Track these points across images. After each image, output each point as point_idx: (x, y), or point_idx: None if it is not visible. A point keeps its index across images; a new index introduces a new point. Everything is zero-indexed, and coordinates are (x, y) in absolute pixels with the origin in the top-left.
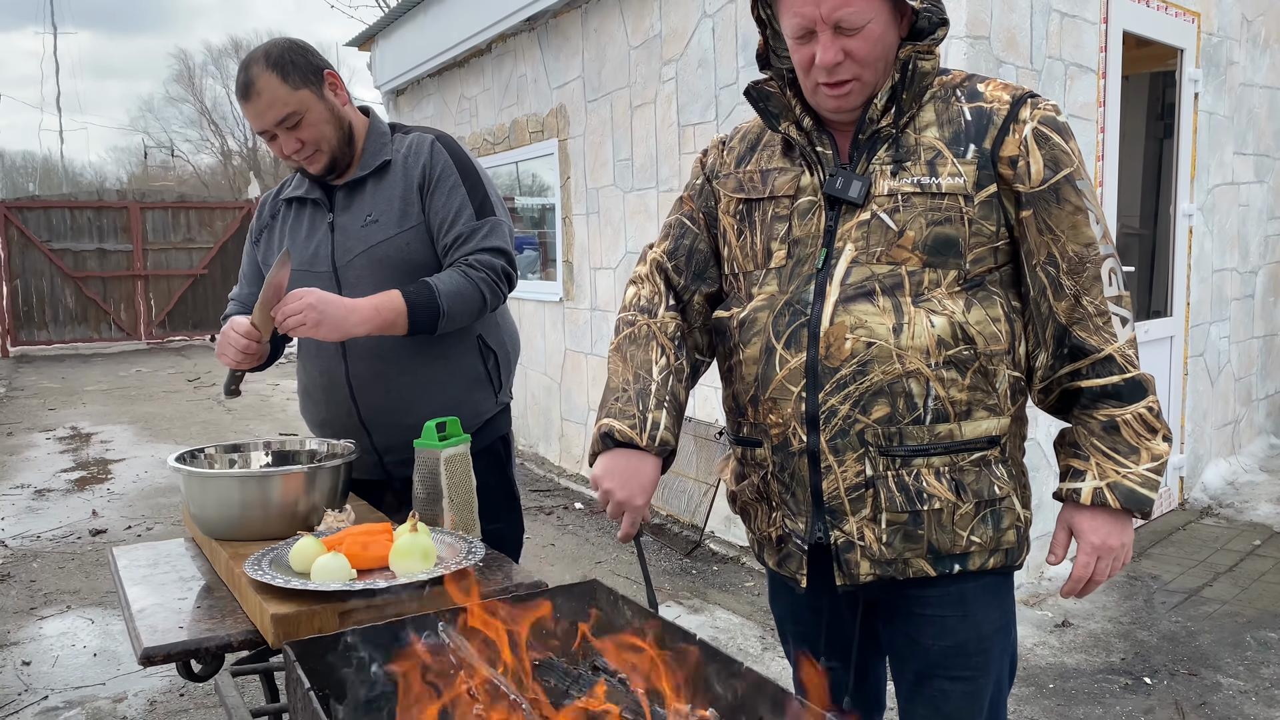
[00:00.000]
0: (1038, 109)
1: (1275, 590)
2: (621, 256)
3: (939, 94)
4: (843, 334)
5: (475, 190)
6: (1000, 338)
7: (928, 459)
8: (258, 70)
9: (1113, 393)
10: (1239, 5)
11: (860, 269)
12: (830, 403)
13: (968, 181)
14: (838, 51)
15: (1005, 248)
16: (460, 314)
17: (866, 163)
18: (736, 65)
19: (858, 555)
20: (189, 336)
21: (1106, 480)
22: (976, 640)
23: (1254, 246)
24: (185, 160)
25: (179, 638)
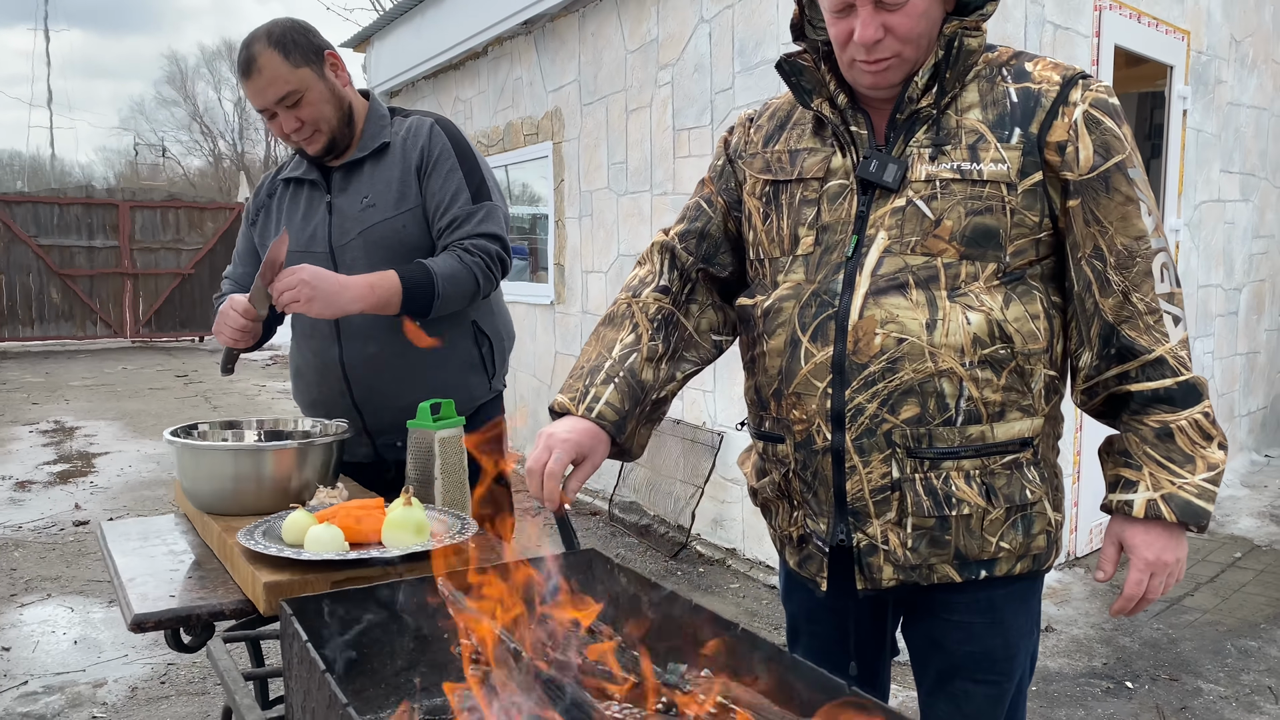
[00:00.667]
0: (1090, 90)
1: (1255, 601)
2: (614, 260)
3: (984, 72)
4: (872, 328)
5: (472, 174)
6: (1039, 336)
7: (958, 462)
8: (259, 48)
9: (1165, 397)
10: (1228, 25)
11: (893, 259)
12: (857, 400)
13: (1011, 169)
14: (878, 28)
15: (1048, 239)
16: (454, 297)
17: (904, 145)
18: (733, 70)
19: (880, 559)
20: (175, 336)
21: (1161, 491)
22: (1004, 646)
23: (1238, 264)
24: (176, 161)
25: (170, 605)
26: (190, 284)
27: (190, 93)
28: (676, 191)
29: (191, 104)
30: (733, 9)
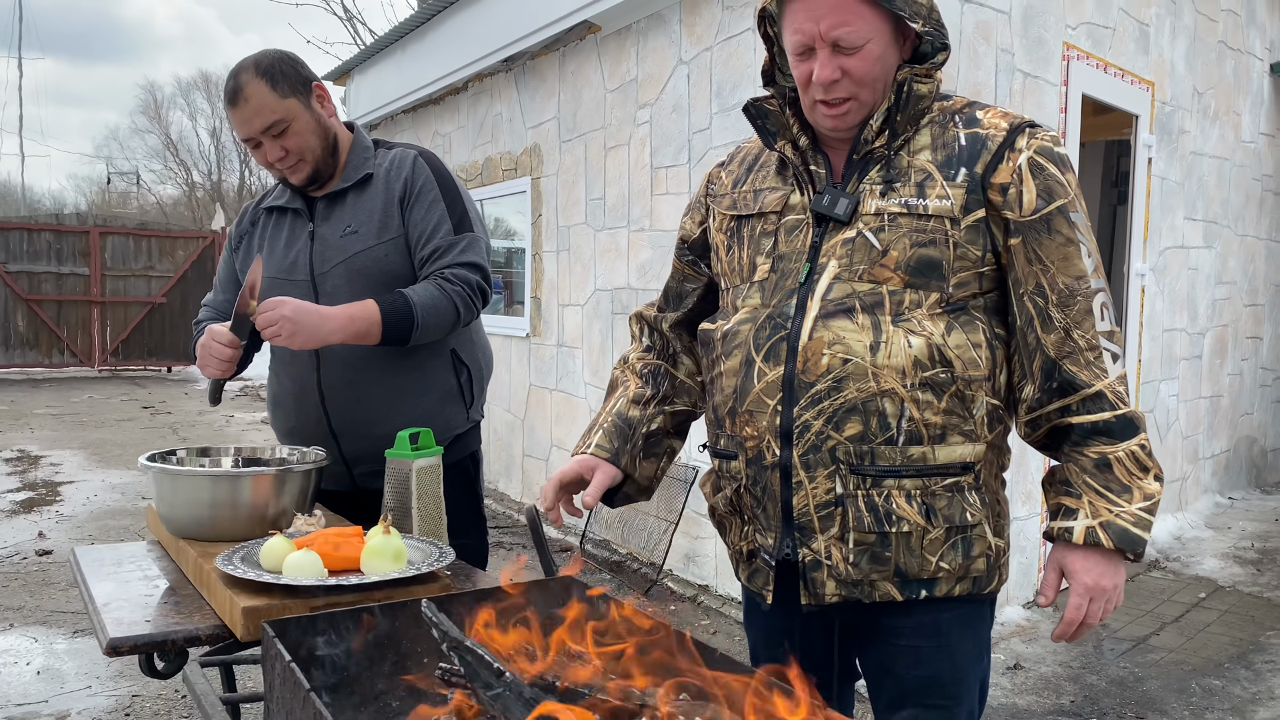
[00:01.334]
0: (1035, 138)
1: (1220, 640)
2: (590, 294)
3: (937, 118)
4: (820, 349)
5: (454, 205)
6: (980, 363)
7: (899, 480)
8: (247, 77)
9: (1104, 429)
10: (1190, 77)
11: (842, 285)
12: (804, 418)
13: (955, 204)
14: (835, 69)
15: (991, 274)
16: (434, 326)
17: (858, 182)
18: (710, 111)
19: (824, 575)
20: (143, 365)
21: (1099, 519)
22: (951, 670)
23: (1202, 309)
24: (148, 190)
25: (145, 630)
26: (160, 313)
27: (165, 122)
28: (654, 228)
29: (165, 133)
30: (711, 51)
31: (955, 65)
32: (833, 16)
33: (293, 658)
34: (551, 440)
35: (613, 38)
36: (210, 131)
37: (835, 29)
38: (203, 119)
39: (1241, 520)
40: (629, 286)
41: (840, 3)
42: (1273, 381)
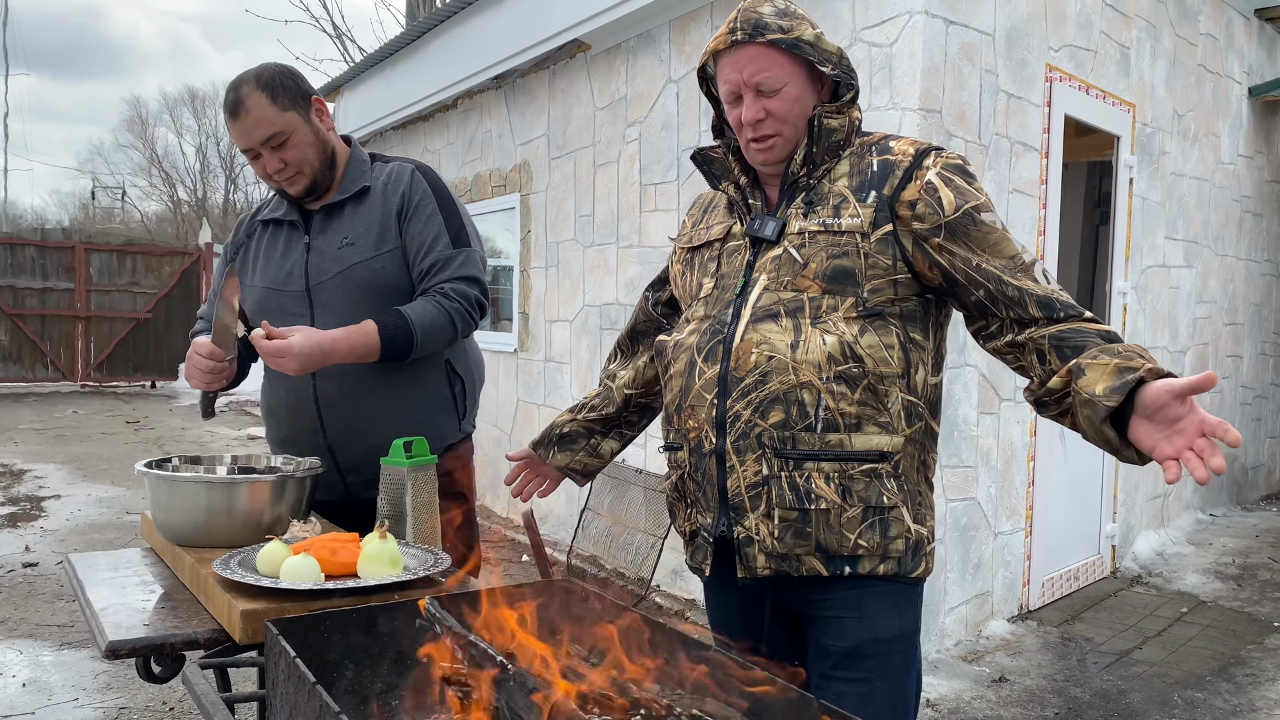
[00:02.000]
0: (940, 158)
1: (1202, 654)
2: (579, 309)
3: (856, 150)
4: (750, 348)
5: (452, 220)
6: (891, 362)
7: (818, 464)
8: (248, 90)
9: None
10: (1170, 99)
11: (770, 294)
12: (736, 408)
13: (864, 221)
14: (759, 109)
15: (906, 282)
16: (432, 343)
17: (785, 208)
18: (699, 129)
19: (755, 549)
20: (128, 381)
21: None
22: (873, 643)
23: (1183, 328)
24: (133, 206)
25: (144, 633)
26: (145, 328)
27: (150, 138)
28: (642, 244)
29: (151, 148)
30: None
31: (940, 86)
32: (752, 65)
33: (297, 653)
34: None
35: (603, 56)
36: (196, 148)
37: (756, 75)
38: (188, 135)
39: (1223, 536)
40: (617, 302)
41: (759, 53)
42: (1252, 400)
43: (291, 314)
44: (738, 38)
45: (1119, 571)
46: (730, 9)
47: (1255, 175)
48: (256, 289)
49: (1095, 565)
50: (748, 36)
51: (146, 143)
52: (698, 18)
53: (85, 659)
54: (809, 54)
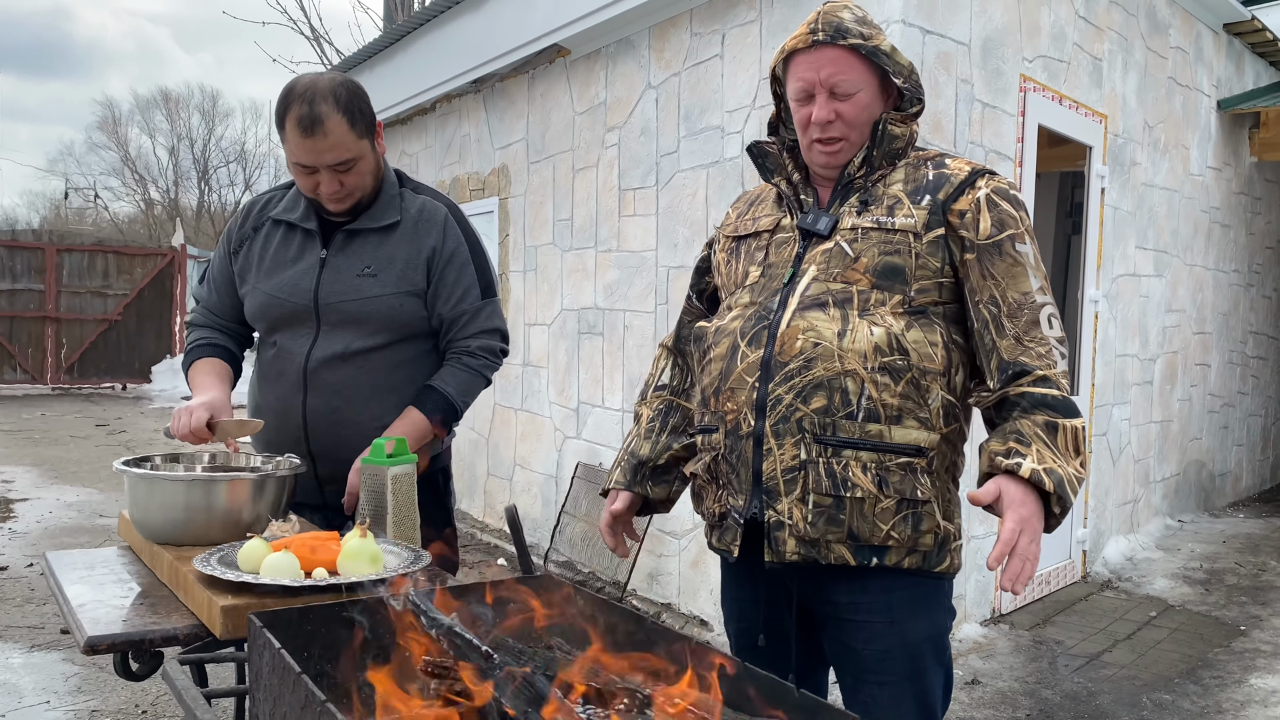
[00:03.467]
0: (992, 181)
1: (1170, 657)
2: (557, 313)
3: (911, 162)
4: (795, 335)
5: (483, 271)
6: (935, 359)
7: (856, 453)
8: (327, 109)
9: (1051, 403)
10: (1141, 111)
11: (819, 285)
12: (778, 392)
13: (918, 222)
14: (830, 111)
15: (950, 285)
16: (470, 400)
17: (839, 206)
18: (678, 135)
19: (785, 534)
20: (97, 384)
21: (1044, 465)
22: (902, 647)
23: (1153, 336)
24: (104, 207)
25: (122, 629)
26: (117, 330)
27: (123, 139)
28: (621, 249)
29: (124, 149)
30: (679, 77)
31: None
32: (831, 67)
33: (281, 645)
34: (515, 460)
35: (582, 61)
36: (169, 149)
37: (833, 77)
38: (161, 136)
39: (1191, 542)
40: (595, 306)
41: (837, 56)
42: (1220, 408)
43: (296, 324)
44: (819, 38)
45: (1089, 576)
46: (709, 16)
47: (1223, 187)
48: (259, 292)
49: (1066, 570)
50: (829, 38)
51: (119, 143)
52: (677, 24)
53: (56, 661)
54: (885, 63)
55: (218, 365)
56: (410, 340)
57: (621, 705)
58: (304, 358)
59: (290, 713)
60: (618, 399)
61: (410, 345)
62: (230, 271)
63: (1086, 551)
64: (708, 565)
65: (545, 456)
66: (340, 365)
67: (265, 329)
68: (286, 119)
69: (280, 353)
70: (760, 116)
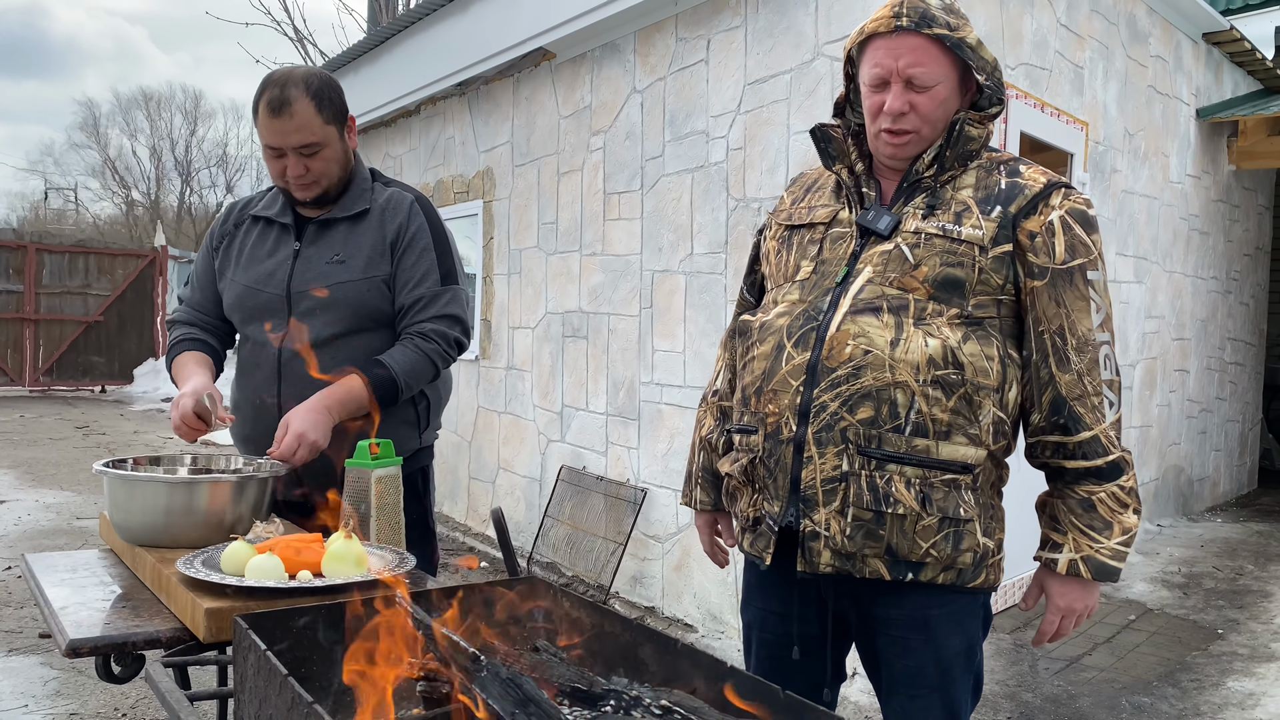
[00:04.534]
0: (1069, 199)
1: (1149, 660)
2: (541, 316)
3: (984, 165)
4: (845, 340)
5: (444, 257)
6: (990, 374)
7: (901, 467)
8: (296, 92)
9: (1094, 473)
10: (1122, 119)
11: (873, 288)
12: (823, 399)
13: (986, 235)
14: (905, 103)
15: (1010, 304)
16: (416, 384)
17: (903, 206)
18: (663, 139)
19: (821, 544)
20: (76, 385)
21: (1081, 554)
22: (935, 663)
23: (1133, 342)
24: (84, 208)
25: (105, 632)
26: (97, 331)
27: (103, 139)
28: (606, 252)
29: (104, 150)
30: (665, 81)
31: None
32: (911, 56)
33: (267, 646)
34: (499, 463)
35: (567, 65)
36: (150, 150)
37: (912, 67)
38: (142, 137)
39: (1170, 546)
40: (580, 310)
41: (919, 45)
42: (1198, 414)
43: (270, 314)
44: (903, 24)
45: None
46: (694, 21)
47: (1202, 195)
48: (236, 284)
49: None
50: (914, 24)
51: (100, 144)
52: (663, 29)
53: (35, 665)
54: (969, 58)
55: (199, 356)
56: (381, 329)
57: (609, 706)
58: (277, 349)
59: (277, 715)
60: (601, 402)
61: (381, 334)
62: (212, 269)
63: None
64: (691, 569)
65: (529, 459)
66: (312, 354)
67: (241, 321)
68: (260, 101)
69: (255, 345)
70: (745, 122)
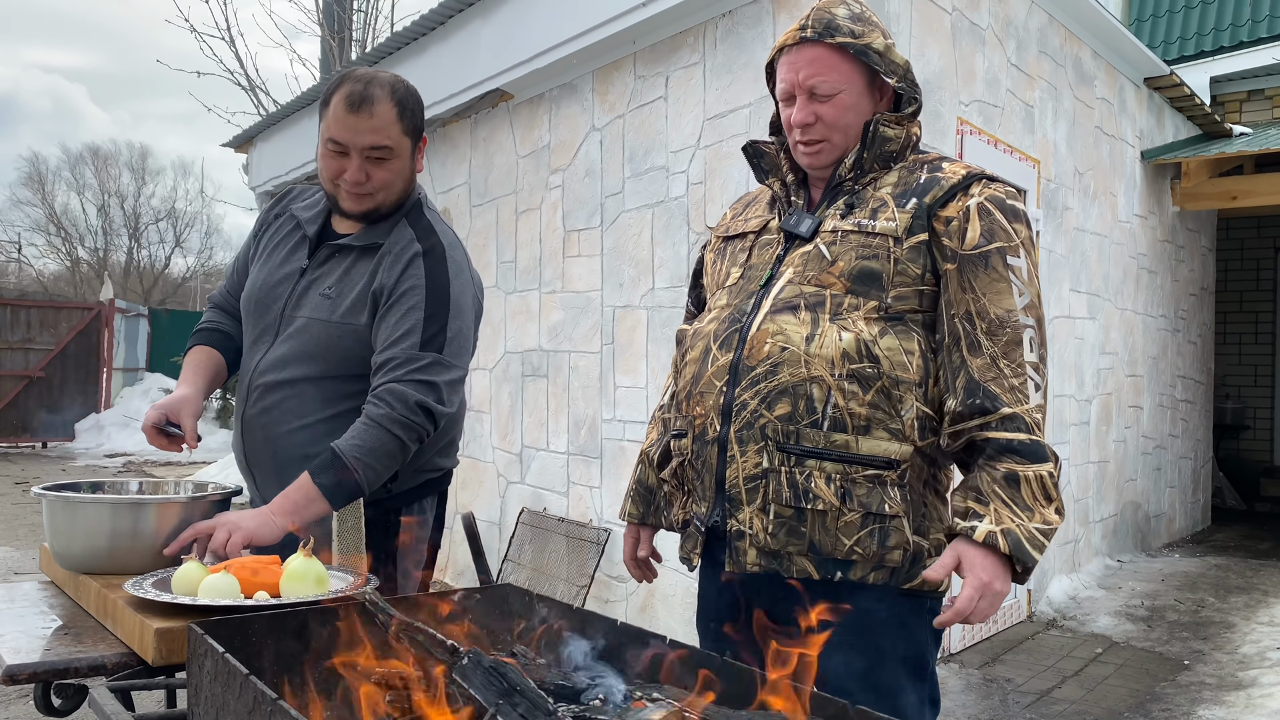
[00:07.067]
0: (989, 188)
1: (1118, 692)
2: (500, 357)
3: (909, 165)
4: (764, 338)
5: (435, 318)
6: (910, 368)
7: (820, 463)
8: (381, 93)
9: (1016, 448)
10: (1072, 158)
11: (793, 287)
12: (743, 397)
13: (900, 226)
14: (809, 114)
15: (931, 294)
16: (378, 465)
17: (825, 209)
18: (622, 176)
19: (746, 544)
20: (15, 442)
21: (1001, 526)
22: (879, 666)
23: (1088, 377)
24: (28, 263)
25: (46, 658)
26: (39, 387)
27: (49, 195)
28: (566, 290)
29: (50, 206)
30: (624, 118)
31: None
32: (810, 68)
33: (225, 649)
34: (456, 508)
35: (525, 105)
36: (98, 207)
37: (811, 79)
38: (89, 193)
39: (1131, 580)
40: (540, 348)
41: (817, 56)
42: (1153, 450)
43: (263, 325)
44: (806, 35)
45: (1035, 615)
46: (652, 59)
47: (1149, 234)
48: (251, 280)
49: (1012, 609)
50: (817, 35)
51: (45, 200)
52: (621, 67)
53: None
54: (876, 63)
55: (205, 355)
56: (350, 378)
57: (596, 700)
58: (254, 366)
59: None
60: (563, 441)
61: (349, 383)
62: (248, 254)
63: (1031, 591)
64: (656, 610)
65: (488, 503)
66: (277, 387)
67: (243, 318)
68: (335, 94)
69: (247, 352)
70: (704, 156)
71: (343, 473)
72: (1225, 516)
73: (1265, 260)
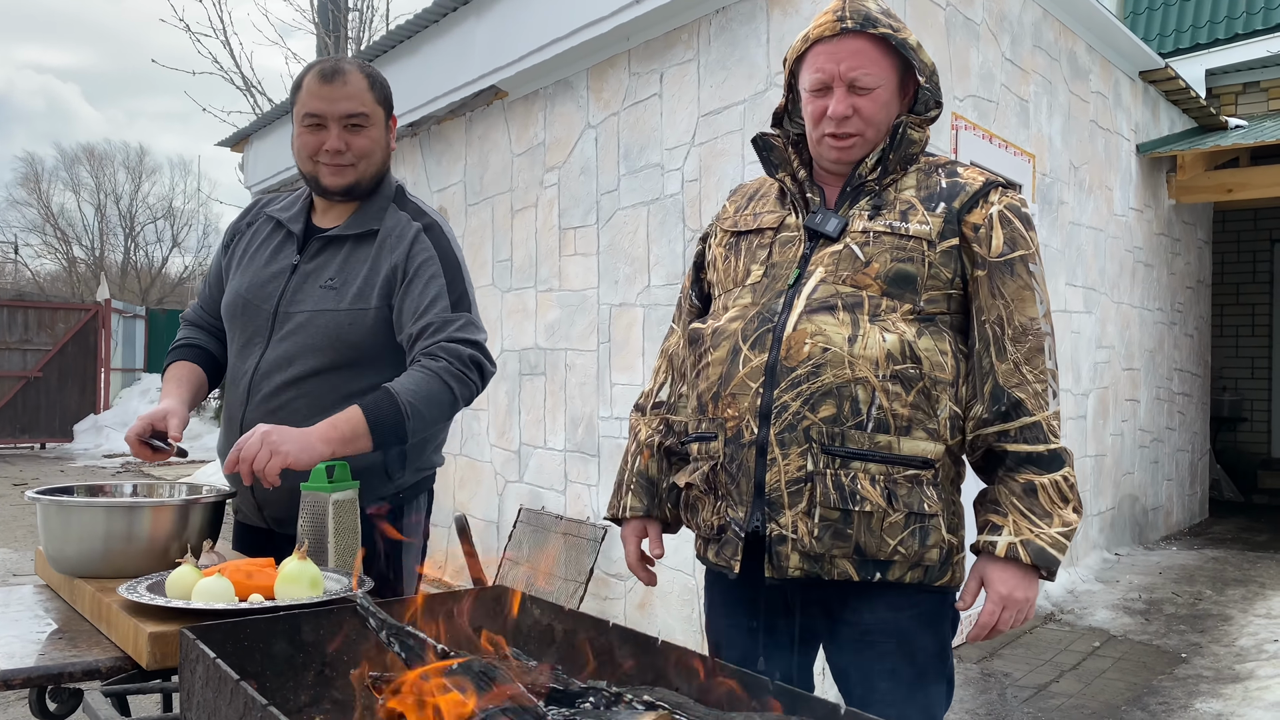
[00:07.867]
0: (1006, 195)
1: (1116, 685)
2: (497, 355)
3: (923, 168)
4: (803, 339)
5: (455, 284)
6: (945, 368)
7: (865, 464)
8: (350, 66)
9: (1035, 459)
10: (1067, 152)
11: (826, 287)
12: (784, 399)
13: (933, 230)
14: (848, 106)
15: (959, 298)
16: (430, 414)
17: (849, 208)
18: (618, 173)
19: (788, 548)
20: (14, 443)
21: (1021, 537)
22: (909, 665)
23: (1085, 372)
24: (24, 264)
25: (40, 663)
26: (36, 387)
27: (45, 195)
28: (562, 288)
29: (45, 206)
30: (619, 116)
31: None
32: (852, 60)
33: (217, 655)
34: (454, 507)
35: (520, 103)
36: (95, 206)
37: (853, 70)
38: (85, 193)
39: (1128, 574)
40: (536, 346)
41: (861, 47)
42: (1150, 443)
43: (253, 328)
44: (847, 25)
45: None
46: (647, 56)
47: (1145, 228)
48: (231, 289)
49: None
50: (858, 26)
51: (41, 200)
52: (615, 64)
53: None
54: (912, 58)
55: (185, 370)
56: (359, 368)
57: (588, 703)
58: (251, 368)
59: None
60: (560, 439)
61: (359, 375)
62: (220, 270)
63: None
64: (654, 606)
65: (486, 502)
66: (283, 387)
67: (228, 327)
68: (306, 75)
69: (236, 357)
70: (699, 153)
71: (394, 414)
72: (1223, 509)
73: (1261, 252)
